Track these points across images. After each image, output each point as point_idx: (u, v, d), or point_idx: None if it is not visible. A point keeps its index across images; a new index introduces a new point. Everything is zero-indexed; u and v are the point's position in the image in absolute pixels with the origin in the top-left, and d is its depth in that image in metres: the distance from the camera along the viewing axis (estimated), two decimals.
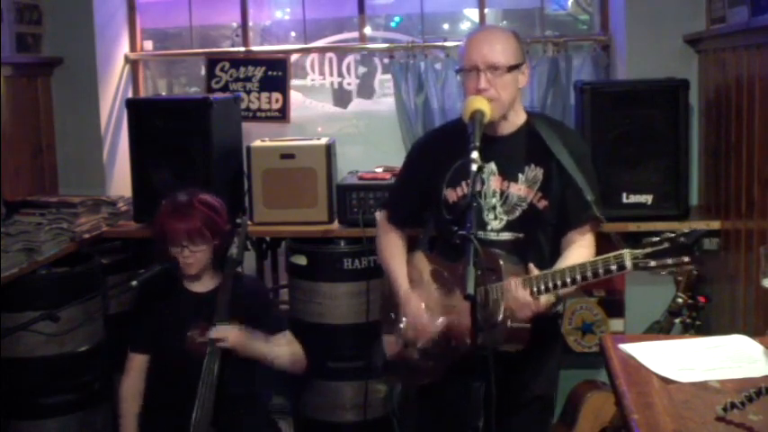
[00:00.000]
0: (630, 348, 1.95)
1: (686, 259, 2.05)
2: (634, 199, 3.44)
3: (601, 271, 2.16)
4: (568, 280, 2.22)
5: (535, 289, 2.25)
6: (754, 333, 2.07)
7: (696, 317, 3.09)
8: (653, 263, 2.07)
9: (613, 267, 2.14)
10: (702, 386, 1.74)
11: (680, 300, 3.07)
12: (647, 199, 3.43)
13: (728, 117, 3.25)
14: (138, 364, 3.00)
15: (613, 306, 3.79)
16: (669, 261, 2.06)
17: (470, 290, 1.92)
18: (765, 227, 2.89)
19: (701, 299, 3.11)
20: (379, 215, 2.82)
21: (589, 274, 2.18)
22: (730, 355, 1.90)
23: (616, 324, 3.78)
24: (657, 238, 2.09)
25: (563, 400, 3.57)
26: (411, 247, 2.75)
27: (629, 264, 2.11)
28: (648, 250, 2.09)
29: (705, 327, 3.23)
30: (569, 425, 3.51)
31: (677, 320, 3.10)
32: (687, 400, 1.67)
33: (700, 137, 3.67)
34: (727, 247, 3.32)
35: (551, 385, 2.67)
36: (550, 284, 2.24)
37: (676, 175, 3.42)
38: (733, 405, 1.56)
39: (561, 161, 2.44)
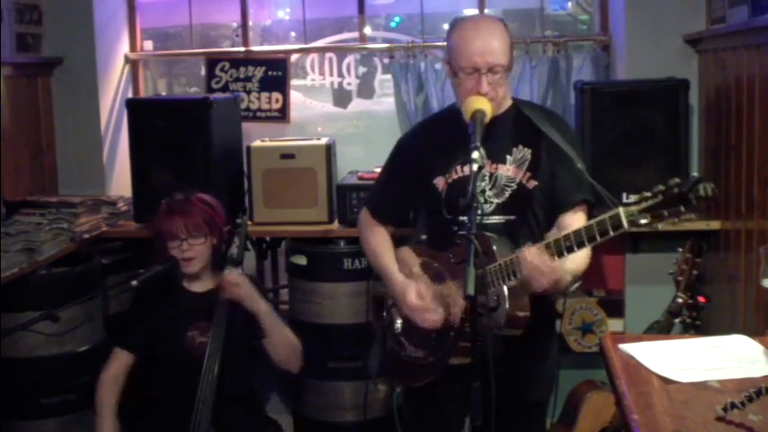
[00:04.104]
0: (630, 348, 1.95)
1: (683, 209, 2.02)
2: (634, 199, 3.42)
3: (597, 233, 2.09)
4: (585, 240, 2.12)
5: (555, 252, 2.16)
6: (754, 333, 2.07)
7: (696, 317, 3.09)
8: (648, 217, 2.03)
9: (609, 227, 2.07)
10: (702, 386, 1.74)
11: (680, 300, 3.06)
12: None
13: (728, 117, 3.25)
14: (121, 360, 2.97)
15: (613, 306, 3.79)
16: (665, 213, 2.03)
17: (470, 290, 1.91)
18: (765, 227, 2.89)
19: (701, 299, 3.10)
20: (362, 213, 2.77)
21: (595, 234, 2.10)
22: (730, 355, 1.90)
23: (616, 324, 3.78)
24: (650, 193, 2.07)
25: (563, 400, 3.56)
26: (397, 245, 2.70)
27: (625, 222, 2.05)
28: (643, 205, 2.06)
29: (705, 327, 3.23)
30: (569, 425, 3.50)
31: (677, 320, 3.10)
32: (687, 400, 1.67)
33: (700, 137, 3.67)
34: (728, 247, 3.31)
35: (547, 390, 2.64)
36: (570, 244, 2.15)
37: (676, 175, 3.39)
38: (733, 405, 1.56)
39: (552, 139, 2.42)
